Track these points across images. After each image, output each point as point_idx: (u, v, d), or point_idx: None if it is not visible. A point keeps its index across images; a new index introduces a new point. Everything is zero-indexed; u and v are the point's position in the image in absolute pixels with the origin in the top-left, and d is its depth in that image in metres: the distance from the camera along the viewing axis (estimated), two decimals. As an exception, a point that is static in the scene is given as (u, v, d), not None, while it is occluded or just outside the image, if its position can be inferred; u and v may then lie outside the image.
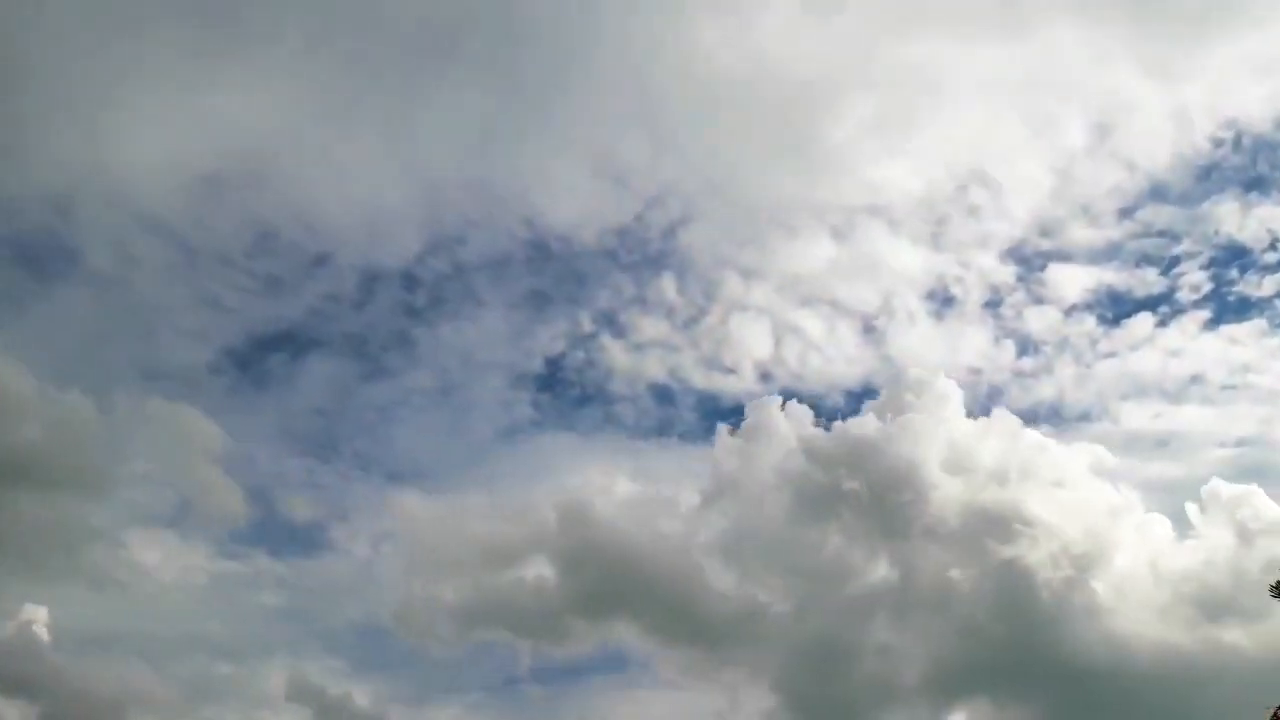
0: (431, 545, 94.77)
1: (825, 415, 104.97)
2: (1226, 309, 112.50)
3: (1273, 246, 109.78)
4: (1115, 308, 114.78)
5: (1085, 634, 73.37)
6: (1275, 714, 43.19)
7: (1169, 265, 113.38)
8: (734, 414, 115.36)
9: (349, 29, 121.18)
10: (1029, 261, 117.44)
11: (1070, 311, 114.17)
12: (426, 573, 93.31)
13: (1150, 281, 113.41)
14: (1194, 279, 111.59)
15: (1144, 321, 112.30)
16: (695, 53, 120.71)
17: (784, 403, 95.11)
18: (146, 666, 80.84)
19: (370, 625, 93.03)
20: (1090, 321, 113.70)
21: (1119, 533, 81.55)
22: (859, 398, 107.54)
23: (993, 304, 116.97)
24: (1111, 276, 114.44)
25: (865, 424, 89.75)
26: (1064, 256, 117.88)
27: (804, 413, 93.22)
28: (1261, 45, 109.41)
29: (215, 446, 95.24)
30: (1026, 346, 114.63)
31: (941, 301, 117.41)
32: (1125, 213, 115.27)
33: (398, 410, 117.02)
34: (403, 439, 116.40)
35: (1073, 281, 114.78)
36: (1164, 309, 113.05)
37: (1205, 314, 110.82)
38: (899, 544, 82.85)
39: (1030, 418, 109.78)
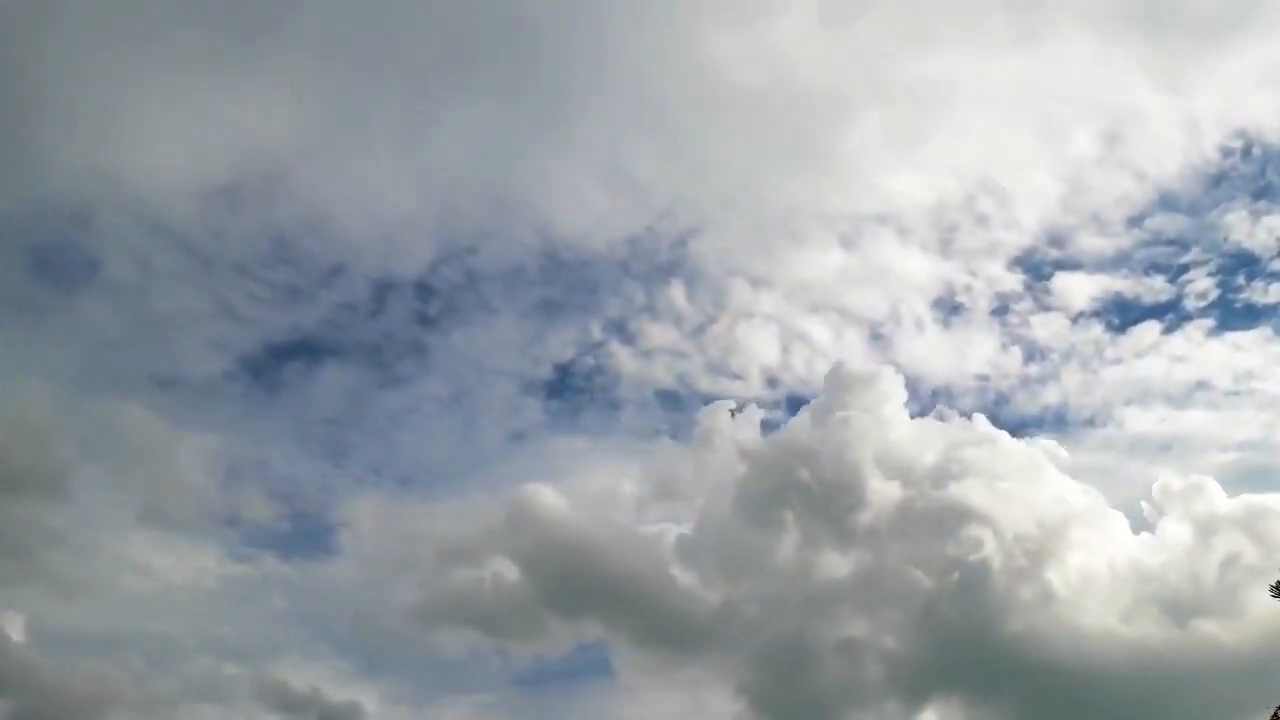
0: (438, 548, 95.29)
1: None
2: (1232, 316, 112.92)
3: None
4: (1122, 315, 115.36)
5: (1053, 631, 73.66)
6: (1275, 714, 42.89)
7: (1177, 273, 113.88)
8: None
9: (363, 41, 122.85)
10: (1037, 269, 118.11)
11: (1077, 319, 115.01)
12: (431, 575, 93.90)
13: (1158, 289, 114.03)
14: (1200, 286, 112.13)
15: (1150, 329, 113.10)
16: (708, 63, 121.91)
17: (739, 407, 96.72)
18: (145, 668, 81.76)
19: (373, 628, 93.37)
20: (1097, 329, 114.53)
21: (1086, 531, 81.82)
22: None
23: (1000, 311, 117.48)
24: (1120, 284, 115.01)
25: (801, 425, 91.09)
26: (1073, 265, 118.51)
27: (756, 415, 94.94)
28: (1271, 55, 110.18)
29: (221, 453, 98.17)
30: (1033, 353, 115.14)
31: (949, 309, 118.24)
32: (1134, 221, 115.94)
33: (410, 417, 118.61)
34: (414, 444, 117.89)
35: (1080, 289, 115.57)
36: (1170, 316, 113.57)
37: (1211, 321, 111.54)
38: (856, 545, 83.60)
39: (1036, 423, 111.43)
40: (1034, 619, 73.93)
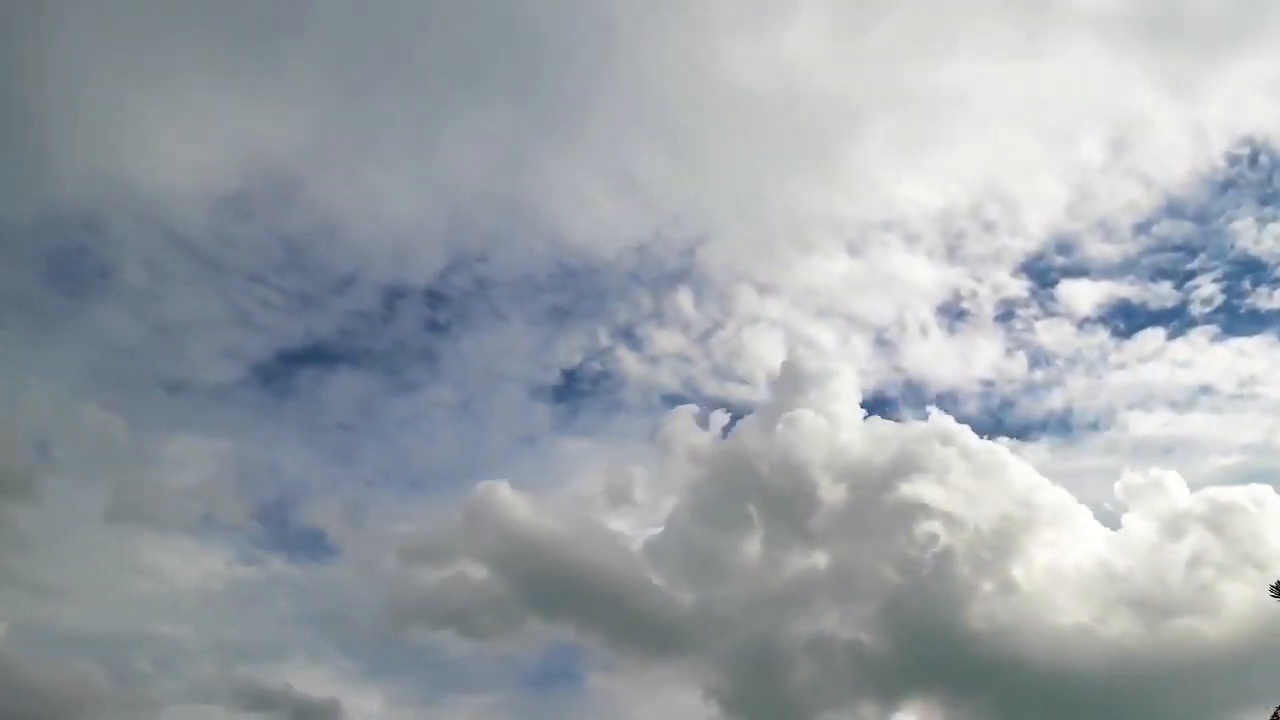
0: (442, 550, 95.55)
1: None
2: (1237, 322, 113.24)
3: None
4: (1128, 321, 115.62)
5: (1029, 629, 73.77)
6: (1275, 714, 42.87)
7: (1183, 279, 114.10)
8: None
9: (375, 49, 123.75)
10: (1043, 276, 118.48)
11: (1083, 325, 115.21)
12: (435, 578, 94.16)
13: (1164, 295, 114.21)
14: (1206, 292, 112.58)
15: (1155, 334, 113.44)
16: (719, 71, 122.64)
17: (704, 411, 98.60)
18: (152, 669, 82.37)
19: (378, 629, 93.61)
20: (1103, 334, 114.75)
21: (1062, 530, 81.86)
22: (870, 409, 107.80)
23: (1005, 317, 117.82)
24: (1126, 290, 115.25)
25: (749, 428, 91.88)
26: (1079, 271, 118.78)
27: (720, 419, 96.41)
28: (1278, 63, 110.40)
29: (230, 457, 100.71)
30: (1038, 359, 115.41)
31: (955, 315, 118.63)
32: (1141, 228, 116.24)
33: (419, 422, 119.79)
34: (423, 449, 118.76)
35: (1086, 296, 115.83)
36: (1175, 323, 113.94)
37: (1215, 327, 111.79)
38: (818, 544, 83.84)
39: (1040, 427, 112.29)
40: (1009, 617, 74.30)
